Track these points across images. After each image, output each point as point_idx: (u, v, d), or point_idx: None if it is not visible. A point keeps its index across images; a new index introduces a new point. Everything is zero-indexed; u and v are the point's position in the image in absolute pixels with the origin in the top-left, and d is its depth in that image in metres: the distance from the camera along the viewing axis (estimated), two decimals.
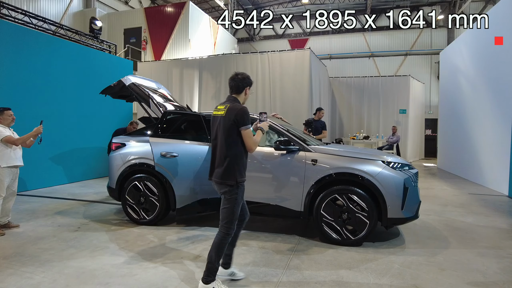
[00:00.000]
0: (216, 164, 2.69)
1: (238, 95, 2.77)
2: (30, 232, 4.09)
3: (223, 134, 2.62)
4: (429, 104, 18.05)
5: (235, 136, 2.61)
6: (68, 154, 7.74)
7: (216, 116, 2.73)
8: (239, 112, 2.59)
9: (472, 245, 3.81)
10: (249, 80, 2.80)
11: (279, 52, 9.53)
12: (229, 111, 2.63)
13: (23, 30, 7.04)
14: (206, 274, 2.56)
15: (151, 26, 14.81)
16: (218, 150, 2.68)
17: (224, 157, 2.61)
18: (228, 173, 2.59)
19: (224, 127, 2.62)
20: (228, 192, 2.60)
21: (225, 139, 2.62)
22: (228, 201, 2.61)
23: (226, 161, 2.60)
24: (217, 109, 2.75)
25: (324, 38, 20.85)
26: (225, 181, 2.59)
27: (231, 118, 2.59)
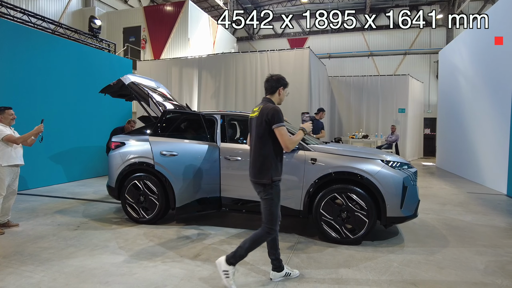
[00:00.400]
0: (251, 164, 2.75)
1: (272, 96, 2.82)
2: (29, 231, 4.09)
3: (256, 134, 2.70)
4: (428, 103, 18.08)
5: (267, 135, 2.65)
6: (67, 153, 7.74)
7: (252, 118, 2.81)
8: (270, 112, 2.63)
9: (471, 244, 3.83)
10: (283, 81, 2.84)
11: (279, 51, 9.54)
12: (261, 111, 2.69)
13: (22, 28, 7.03)
14: (232, 256, 2.61)
15: (151, 25, 14.79)
16: (252, 151, 2.75)
17: (257, 157, 2.68)
18: (261, 172, 2.64)
19: (257, 127, 2.70)
20: (263, 191, 2.66)
21: (258, 139, 2.68)
22: (265, 201, 2.67)
23: (259, 161, 2.67)
24: (253, 112, 2.84)
25: (323, 37, 20.85)
26: (259, 180, 2.65)
27: (263, 118, 2.65)
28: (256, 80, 9.70)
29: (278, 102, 2.85)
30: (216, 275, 2.91)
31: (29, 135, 4.25)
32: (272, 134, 2.64)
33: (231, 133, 4.72)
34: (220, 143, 4.32)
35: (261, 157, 2.66)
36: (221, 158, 4.25)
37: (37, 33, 7.35)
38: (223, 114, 4.56)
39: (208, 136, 4.33)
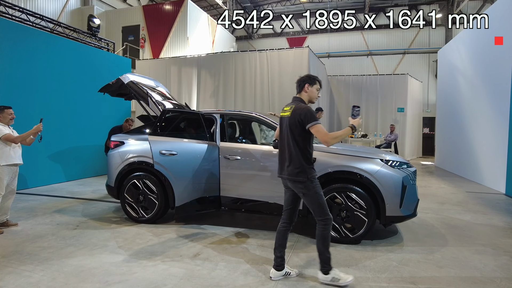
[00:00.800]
0: (285, 162, 2.80)
1: (300, 94, 2.88)
2: (28, 231, 4.09)
3: (290, 134, 2.75)
4: (427, 102, 18.10)
5: (301, 135, 2.72)
6: (66, 152, 7.72)
7: (283, 117, 2.86)
8: (302, 112, 2.69)
9: (470, 243, 3.84)
10: (308, 78, 2.88)
11: (278, 51, 9.53)
12: (294, 111, 2.75)
13: (21, 27, 7.01)
14: (323, 265, 2.72)
15: (149, 24, 14.76)
16: (286, 149, 2.80)
17: (293, 155, 2.74)
18: (298, 170, 2.71)
19: (290, 127, 2.75)
20: (304, 188, 2.71)
21: (292, 139, 2.74)
22: (309, 197, 2.73)
23: (295, 159, 2.72)
24: (283, 111, 2.89)
25: (323, 36, 20.84)
26: (297, 177, 2.71)
27: (296, 118, 2.71)
28: (255, 79, 9.69)
29: (308, 99, 2.88)
30: (216, 274, 2.92)
31: (28, 134, 4.24)
32: (306, 133, 2.72)
33: (230, 132, 4.71)
34: (220, 142, 4.32)
35: (297, 156, 2.72)
36: (220, 158, 4.25)
37: (36, 32, 7.33)
38: (222, 114, 4.56)
39: (207, 135, 4.33)
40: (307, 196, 2.74)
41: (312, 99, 2.90)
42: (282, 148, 2.87)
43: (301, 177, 2.70)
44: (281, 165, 2.87)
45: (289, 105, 2.87)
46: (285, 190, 2.94)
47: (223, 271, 2.98)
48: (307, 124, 2.67)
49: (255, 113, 4.52)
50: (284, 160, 2.83)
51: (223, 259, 3.25)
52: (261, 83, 9.62)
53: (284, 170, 2.81)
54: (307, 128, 2.68)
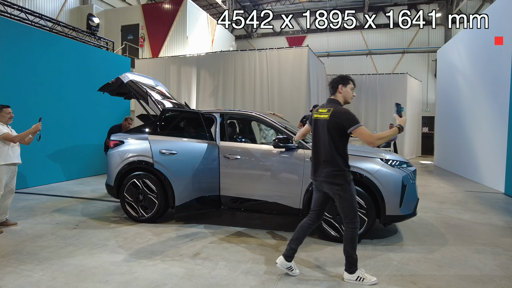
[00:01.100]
0: (321, 165, 2.78)
1: (335, 95, 2.86)
2: (28, 230, 4.08)
3: (329, 136, 2.72)
4: (426, 102, 18.11)
5: (341, 138, 2.72)
6: (65, 151, 7.71)
7: (320, 119, 2.82)
8: (343, 115, 2.68)
9: (469, 242, 3.85)
10: (341, 78, 2.87)
11: (277, 50, 9.52)
12: (333, 114, 2.72)
13: (20, 26, 6.98)
14: (349, 266, 2.76)
15: (149, 23, 14.72)
16: (322, 151, 2.78)
17: (330, 158, 2.72)
18: (336, 173, 2.71)
19: (329, 130, 2.72)
20: (341, 190, 2.71)
21: (332, 142, 2.71)
22: (344, 199, 2.73)
23: (333, 162, 2.71)
24: (318, 112, 2.86)
25: (322, 35, 20.83)
26: (335, 180, 2.70)
27: (337, 121, 2.69)
28: (255, 78, 9.68)
29: (343, 100, 2.86)
30: (216, 274, 2.91)
31: (27, 133, 4.23)
32: (345, 136, 2.72)
33: (230, 131, 4.71)
34: (220, 141, 4.32)
35: (336, 159, 2.71)
36: (220, 157, 4.25)
37: (35, 31, 7.31)
38: (222, 113, 4.55)
39: (207, 134, 4.32)
40: (343, 199, 2.72)
41: (348, 99, 2.87)
42: (317, 150, 2.84)
43: (340, 179, 2.69)
44: (316, 168, 2.84)
45: (325, 107, 2.83)
46: (316, 191, 2.93)
47: (223, 271, 2.98)
48: (349, 128, 2.66)
49: (255, 112, 4.52)
50: (319, 163, 2.81)
51: (223, 259, 3.25)
52: (261, 82, 9.61)
53: (320, 173, 2.79)
54: (349, 132, 2.67)
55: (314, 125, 2.88)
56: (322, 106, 2.89)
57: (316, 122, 2.86)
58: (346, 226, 2.76)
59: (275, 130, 4.32)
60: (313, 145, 2.90)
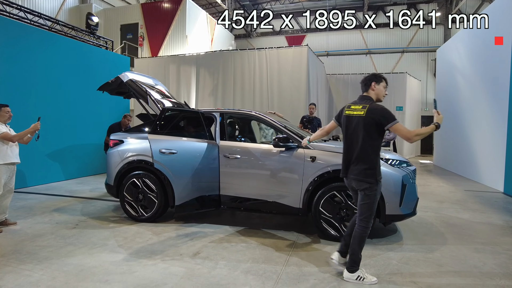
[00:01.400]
0: (353, 162, 2.76)
1: (368, 92, 2.85)
2: (27, 230, 4.07)
3: (364, 133, 2.69)
4: (425, 101, 18.13)
5: (376, 135, 2.70)
6: (64, 150, 7.70)
7: (353, 116, 2.78)
8: (380, 112, 2.67)
9: (469, 242, 3.85)
10: (374, 76, 2.87)
11: (277, 49, 9.52)
12: (370, 111, 2.69)
13: (19, 25, 6.96)
14: (351, 264, 2.77)
15: (148, 22, 14.71)
16: (355, 148, 2.75)
17: (364, 155, 2.70)
18: (368, 171, 2.69)
19: (365, 126, 2.68)
20: (368, 188, 2.70)
21: (366, 138, 2.69)
22: (368, 197, 2.71)
23: (366, 159, 2.70)
24: (351, 109, 2.82)
25: (321, 35, 20.82)
26: (366, 178, 2.68)
27: (374, 117, 2.66)
28: (254, 77, 9.68)
29: (376, 98, 2.85)
30: (216, 273, 2.91)
31: (26, 133, 4.20)
32: (381, 133, 2.71)
33: (230, 131, 4.71)
34: (219, 141, 4.31)
35: (368, 156, 2.70)
36: (220, 156, 4.24)
37: (34, 30, 7.29)
38: (222, 112, 4.55)
39: (207, 134, 4.32)
40: (367, 196, 2.71)
41: (380, 97, 2.86)
42: (349, 147, 2.81)
43: (370, 178, 2.68)
44: (347, 165, 2.83)
45: (359, 103, 2.80)
46: (350, 191, 2.96)
47: (223, 270, 2.98)
48: (387, 124, 2.64)
49: (254, 111, 4.52)
50: (351, 160, 2.79)
51: (223, 258, 3.25)
52: (260, 82, 9.60)
53: (351, 170, 2.77)
54: (386, 128, 2.65)
55: (347, 122, 2.84)
56: (354, 103, 2.85)
57: (348, 119, 2.82)
58: (359, 223, 2.76)
59: (275, 129, 4.32)
60: (345, 142, 2.86)
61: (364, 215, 2.74)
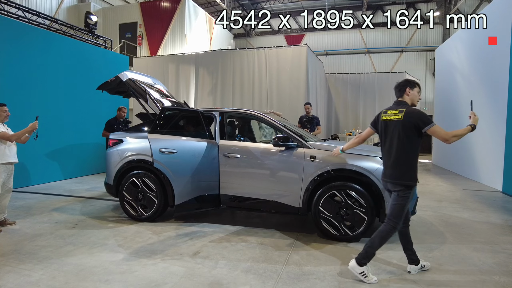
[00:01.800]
0: (391, 165, 2.84)
1: (403, 98, 2.94)
2: (27, 229, 4.06)
3: (403, 136, 2.76)
4: (424, 100, 18.14)
5: (415, 138, 2.77)
6: (63, 150, 7.68)
7: (390, 121, 2.87)
8: (418, 116, 2.75)
9: (468, 241, 3.86)
10: (408, 82, 2.96)
11: (276, 48, 9.52)
12: (407, 115, 2.76)
13: (17, 24, 6.93)
14: (363, 257, 2.79)
15: (147, 21, 14.68)
16: (393, 152, 2.82)
17: (402, 158, 2.78)
18: (407, 174, 2.76)
19: (403, 130, 2.76)
20: (402, 191, 2.75)
21: (405, 141, 2.76)
22: (401, 198, 2.76)
23: (406, 163, 2.77)
24: (387, 114, 2.91)
25: (320, 34, 20.82)
26: (405, 181, 2.74)
27: (412, 121, 2.74)
28: (254, 77, 9.68)
29: (411, 102, 2.93)
30: (216, 272, 2.91)
31: (24, 132, 4.18)
32: (419, 136, 2.77)
33: (230, 130, 4.70)
34: (219, 140, 4.31)
35: (408, 160, 2.76)
36: (220, 156, 4.24)
37: (32, 29, 7.26)
38: (221, 111, 4.54)
39: (207, 133, 4.31)
40: (400, 198, 2.76)
41: (414, 101, 2.94)
42: (388, 151, 2.88)
43: (409, 180, 2.74)
44: (385, 168, 2.91)
45: (395, 108, 2.88)
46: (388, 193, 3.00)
47: (223, 269, 2.98)
48: (424, 127, 2.71)
49: (254, 111, 4.51)
50: (388, 163, 2.87)
51: (223, 257, 3.25)
52: (259, 81, 9.60)
53: (388, 172, 2.85)
54: (423, 131, 2.73)
55: (384, 127, 2.92)
56: (390, 108, 2.94)
57: (386, 124, 2.91)
58: (387, 222, 2.80)
59: (274, 129, 4.31)
60: (384, 147, 2.94)
61: (394, 215, 2.77)
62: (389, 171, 2.84)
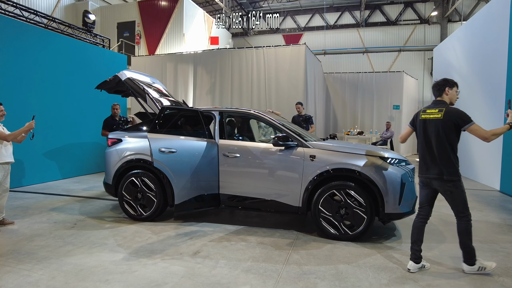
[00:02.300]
0: (433, 163, 2.93)
1: (442, 97, 3.03)
2: (25, 229, 4.04)
3: (443, 135, 2.87)
4: (422, 99, 18.21)
5: (454, 135, 2.88)
6: (61, 149, 7.64)
7: (430, 119, 2.96)
8: (458, 115, 2.85)
9: None
10: (447, 81, 3.03)
11: (275, 47, 9.51)
12: (447, 113, 2.86)
13: (14, 23, 6.89)
14: (469, 257, 2.93)
15: (145, 20, 14.62)
16: (434, 150, 2.92)
17: (445, 156, 2.87)
18: (451, 169, 2.86)
19: (444, 129, 2.87)
20: (454, 186, 2.87)
21: (445, 139, 2.87)
22: (456, 194, 2.90)
23: (448, 160, 2.87)
24: (426, 113, 3.00)
25: (319, 33, 20.83)
26: (450, 177, 2.86)
27: (452, 120, 2.84)
28: (252, 76, 9.67)
29: (449, 101, 3.02)
30: (217, 272, 2.91)
31: (20, 132, 4.14)
32: (458, 134, 2.89)
33: (229, 129, 4.70)
34: (219, 140, 4.31)
35: (450, 157, 2.86)
36: (219, 155, 4.23)
37: (30, 28, 7.21)
38: (221, 111, 4.54)
39: (206, 132, 4.31)
40: (455, 194, 2.88)
41: (453, 101, 3.04)
42: (428, 149, 2.97)
43: (453, 176, 2.84)
44: (427, 166, 2.99)
45: (434, 107, 2.96)
46: (423, 188, 3.09)
47: (224, 269, 2.98)
48: (464, 125, 2.81)
49: (253, 110, 4.51)
50: (430, 161, 2.95)
51: (224, 257, 3.25)
52: (258, 80, 9.59)
53: (432, 170, 2.93)
54: (463, 129, 2.83)
55: (423, 125, 3.00)
56: (429, 107, 3.02)
57: (425, 123, 2.99)
58: (460, 219, 2.93)
59: (274, 128, 4.31)
60: (423, 145, 3.02)
61: (461, 210, 2.92)
62: (433, 169, 2.93)
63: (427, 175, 2.99)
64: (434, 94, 3.08)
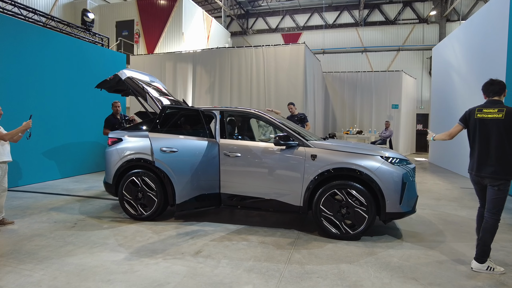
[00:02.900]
0: (490, 162, 2.98)
1: (500, 97, 3.07)
2: (25, 229, 4.03)
3: (505, 134, 2.91)
4: (420, 99, 18.24)
5: None
6: (60, 148, 7.62)
7: (488, 119, 3.00)
8: None
9: (467, 239, 3.90)
10: (505, 84, 3.11)
11: (274, 47, 9.49)
12: (508, 114, 2.90)
13: (12, 21, 6.85)
14: (481, 255, 2.99)
15: (144, 19, 14.56)
16: (491, 149, 2.97)
17: (503, 155, 2.92)
18: (507, 168, 2.92)
19: (505, 128, 2.92)
20: (503, 184, 2.94)
21: (505, 139, 2.91)
22: (502, 192, 2.95)
23: (505, 159, 2.91)
24: (483, 112, 3.04)
25: (318, 32, 20.81)
26: (506, 176, 2.92)
27: None
28: (251, 75, 9.66)
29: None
30: (219, 272, 2.91)
31: (17, 131, 4.12)
32: None
33: (230, 129, 4.69)
34: (220, 139, 4.30)
35: (506, 156, 2.91)
36: (220, 154, 4.23)
37: (29, 26, 7.17)
38: (222, 110, 4.53)
39: (207, 132, 4.30)
40: (501, 192, 2.94)
41: None
42: (484, 148, 3.02)
43: (509, 175, 2.91)
44: (481, 165, 3.04)
45: (492, 107, 2.99)
46: (475, 185, 3.21)
47: (226, 269, 2.98)
48: None
49: (254, 109, 4.50)
50: (486, 160, 3.00)
51: (225, 256, 3.25)
52: (257, 79, 9.58)
53: (487, 169, 2.98)
54: None
55: (480, 124, 3.04)
56: (485, 106, 3.05)
57: (482, 122, 3.02)
58: (491, 216, 2.97)
59: (274, 127, 4.31)
60: (478, 144, 3.06)
61: (497, 208, 2.96)
62: (489, 168, 2.97)
63: (479, 174, 3.05)
64: (488, 94, 3.10)
